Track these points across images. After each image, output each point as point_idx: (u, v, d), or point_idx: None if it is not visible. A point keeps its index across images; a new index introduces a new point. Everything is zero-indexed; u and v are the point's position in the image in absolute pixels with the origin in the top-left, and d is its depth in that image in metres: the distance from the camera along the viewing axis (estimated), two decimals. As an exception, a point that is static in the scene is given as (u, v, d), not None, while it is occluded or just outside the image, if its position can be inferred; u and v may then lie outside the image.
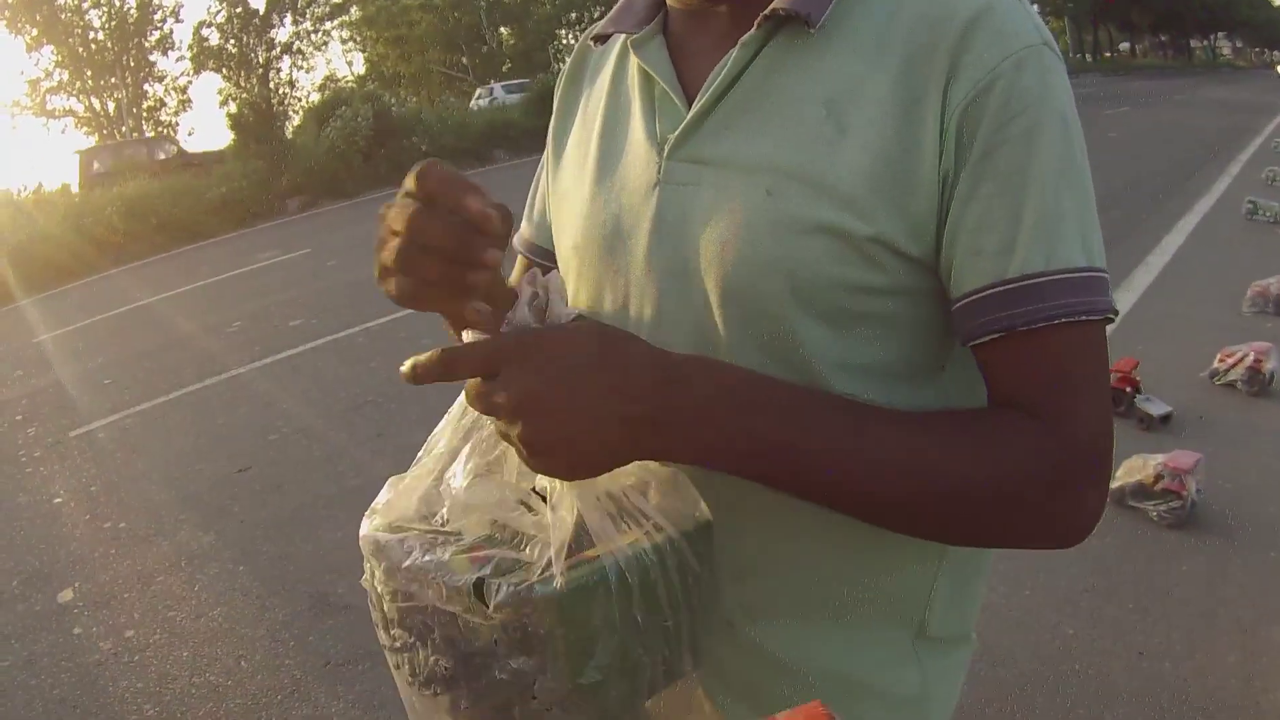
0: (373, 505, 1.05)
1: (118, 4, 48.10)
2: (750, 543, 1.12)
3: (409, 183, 0.93)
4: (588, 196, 1.23)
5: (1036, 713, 3.50)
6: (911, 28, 1.01)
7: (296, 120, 38.15)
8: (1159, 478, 4.54)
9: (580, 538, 0.90)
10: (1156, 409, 5.53)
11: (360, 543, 1.03)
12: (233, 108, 30.50)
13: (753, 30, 1.06)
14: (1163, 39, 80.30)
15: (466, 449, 1.00)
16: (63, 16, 46.45)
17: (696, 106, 1.10)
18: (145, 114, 50.92)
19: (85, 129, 49.05)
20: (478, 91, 38.97)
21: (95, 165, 29.61)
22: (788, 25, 1.06)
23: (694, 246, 1.08)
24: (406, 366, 0.91)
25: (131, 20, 48.74)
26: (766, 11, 1.05)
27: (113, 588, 5.47)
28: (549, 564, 0.88)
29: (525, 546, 0.91)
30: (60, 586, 5.60)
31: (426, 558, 0.93)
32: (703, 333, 1.08)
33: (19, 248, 19.49)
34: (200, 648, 4.67)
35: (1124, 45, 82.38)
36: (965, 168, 0.98)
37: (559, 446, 0.87)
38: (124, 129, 48.59)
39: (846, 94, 1.02)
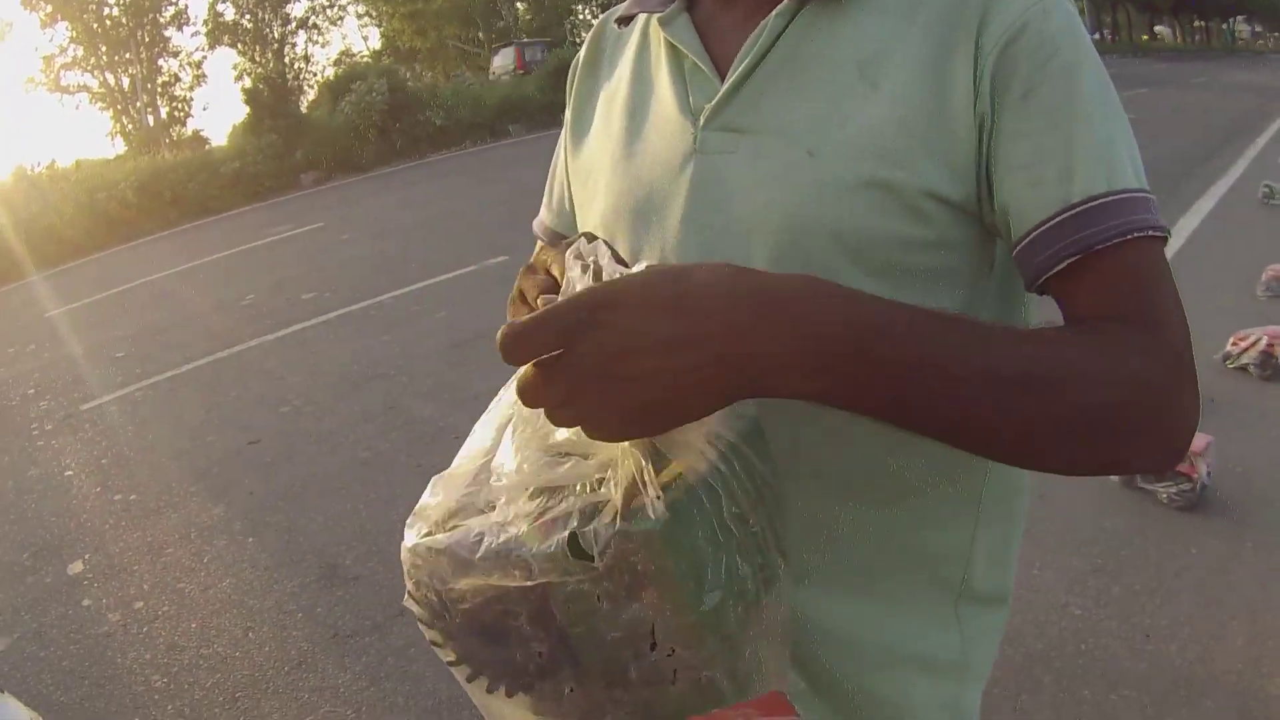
0: (414, 511, 0.95)
1: (133, -22, 48.15)
2: (797, 514, 1.10)
3: None
4: (615, 172, 1.24)
5: (1042, 692, 3.49)
6: None
7: (311, 95, 38.19)
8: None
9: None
10: (1168, 391, 5.50)
11: (406, 555, 0.93)
12: (248, 83, 30.47)
13: (785, 2, 1.09)
14: (1204, 23, 79.79)
15: (508, 434, 0.93)
16: (77, -8, 46.50)
17: (732, 76, 1.11)
18: (160, 89, 50.94)
19: (100, 104, 49.08)
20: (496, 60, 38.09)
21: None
22: None
23: (734, 212, 1.09)
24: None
25: (147, -5, 48.80)
26: None
27: (122, 560, 5.51)
28: (632, 498, 0.81)
29: (596, 489, 0.84)
30: (70, 558, 5.64)
31: (502, 538, 0.85)
32: None
33: (32, 222, 19.54)
34: (208, 619, 4.70)
35: (1160, 29, 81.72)
36: (1006, 108, 1.01)
37: (655, 405, 0.80)
38: (139, 105, 48.64)
39: (877, 54, 1.05)
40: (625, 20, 1.30)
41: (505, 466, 0.91)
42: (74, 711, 4.17)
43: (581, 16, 55.32)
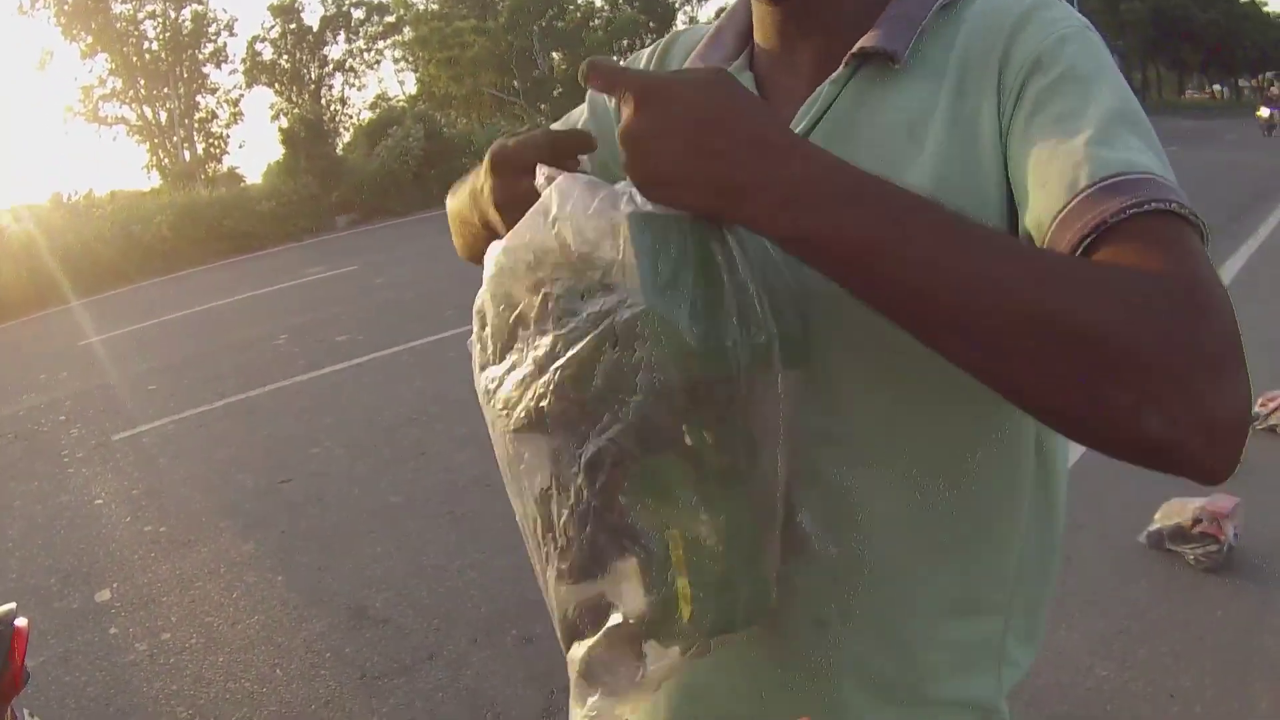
0: None
1: (173, 15, 48.68)
2: (852, 547, 1.14)
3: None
4: None
5: (1066, 754, 3.50)
6: (966, 43, 1.08)
7: (347, 137, 38.46)
8: (1197, 521, 4.52)
9: None
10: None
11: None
12: (285, 122, 30.75)
13: (840, 68, 1.12)
14: (1235, 80, 79.24)
15: None
16: (118, 25, 46.99)
17: None
18: (197, 125, 51.39)
19: (137, 137, 49.53)
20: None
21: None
22: (872, 61, 1.11)
23: (789, 267, 1.08)
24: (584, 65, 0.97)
25: (186, 32, 49.27)
26: (855, 50, 1.10)
27: (151, 590, 5.54)
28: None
29: None
30: (98, 586, 5.68)
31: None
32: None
33: (67, 250, 19.70)
34: (236, 654, 4.72)
35: (1217, 86, 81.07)
36: (1016, 128, 1.01)
37: (665, 184, 0.91)
38: (175, 139, 49.06)
39: (922, 114, 1.08)
40: None
41: None
42: (99, 739, 4.21)
43: (618, 66, 55.60)
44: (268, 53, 53.64)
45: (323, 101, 53.92)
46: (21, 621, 2.86)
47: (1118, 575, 4.52)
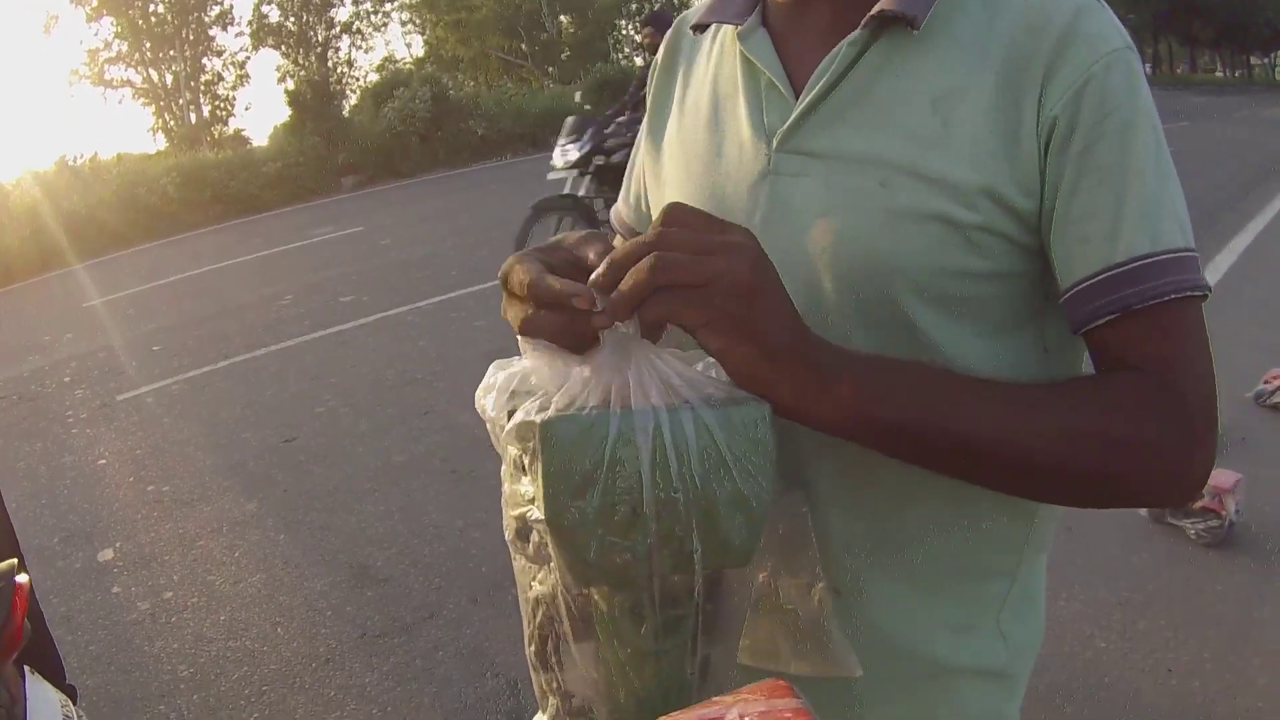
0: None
1: (178, -23, 48.52)
2: (863, 516, 1.17)
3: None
4: (693, 185, 1.27)
5: (1064, 723, 3.50)
6: (1010, 34, 1.07)
7: (354, 100, 38.36)
8: (1199, 496, 4.51)
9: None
10: (1200, 428, 5.46)
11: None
12: (291, 85, 30.62)
13: (858, 30, 1.11)
14: (1246, 56, 78.47)
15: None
16: (123, -12, 46.87)
17: (805, 100, 1.14)
18: (203, 88, 51.26)
19: (143, 100, 49.41)
20: None
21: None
22: (892, 26, 1.10)
23: (807, 235, 1.12)
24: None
25: (192, -6, 49.14)
26: (873, 12, 1.09)
27: (153, 550, 5.56)
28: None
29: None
30: (101, 546, 5.70)
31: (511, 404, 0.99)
32: (814, 317, 1.10)
33: (73, 213, 19.67)
34: (237, 613, 4.74)
35: (1227, 73, 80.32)
36: (1067, 162, 1.04)
37: (746, 334, 0.90)
38: (181, 102, 48.96)
39: (950, 94, 1.08)
40: (700, 28, 1.32)
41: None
42: (99, 696, 4.22)
43: (625, 31, 55.44)
44: (274, 15, 53.48)
45: (329, 64, 53.75)
46: (22, 578, 2.87)
47: (1119, 548, 4.52)
